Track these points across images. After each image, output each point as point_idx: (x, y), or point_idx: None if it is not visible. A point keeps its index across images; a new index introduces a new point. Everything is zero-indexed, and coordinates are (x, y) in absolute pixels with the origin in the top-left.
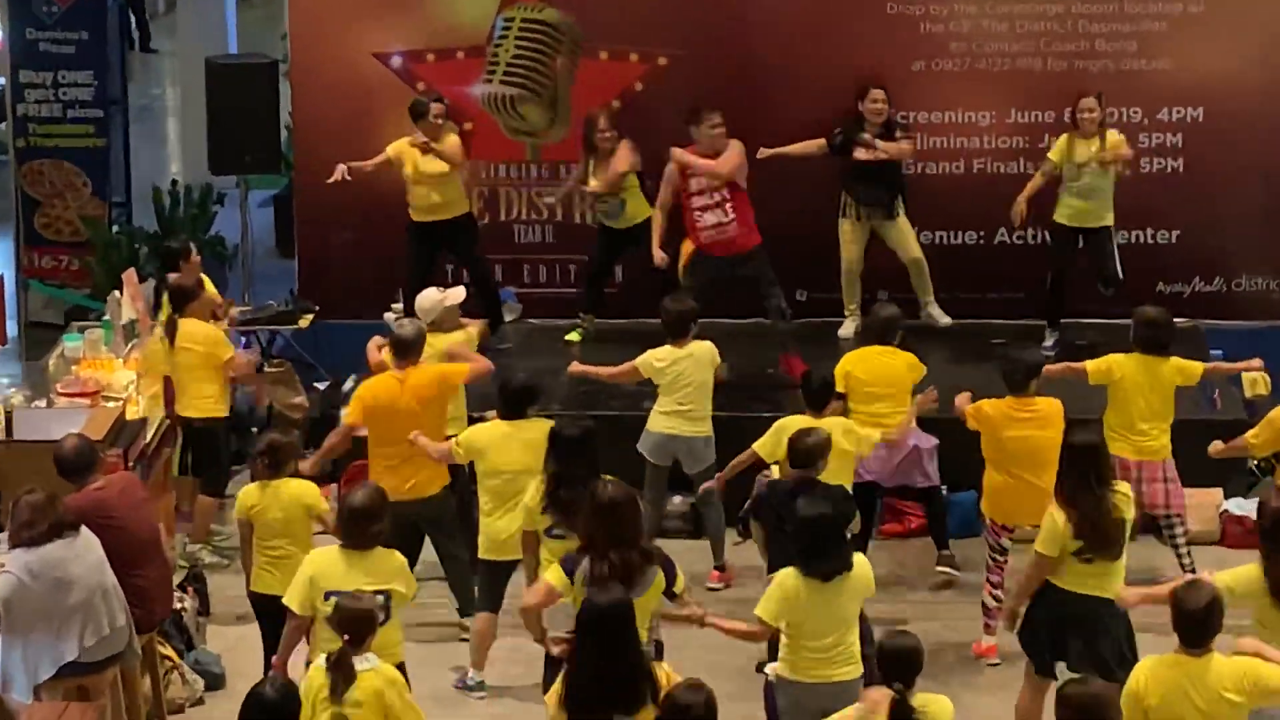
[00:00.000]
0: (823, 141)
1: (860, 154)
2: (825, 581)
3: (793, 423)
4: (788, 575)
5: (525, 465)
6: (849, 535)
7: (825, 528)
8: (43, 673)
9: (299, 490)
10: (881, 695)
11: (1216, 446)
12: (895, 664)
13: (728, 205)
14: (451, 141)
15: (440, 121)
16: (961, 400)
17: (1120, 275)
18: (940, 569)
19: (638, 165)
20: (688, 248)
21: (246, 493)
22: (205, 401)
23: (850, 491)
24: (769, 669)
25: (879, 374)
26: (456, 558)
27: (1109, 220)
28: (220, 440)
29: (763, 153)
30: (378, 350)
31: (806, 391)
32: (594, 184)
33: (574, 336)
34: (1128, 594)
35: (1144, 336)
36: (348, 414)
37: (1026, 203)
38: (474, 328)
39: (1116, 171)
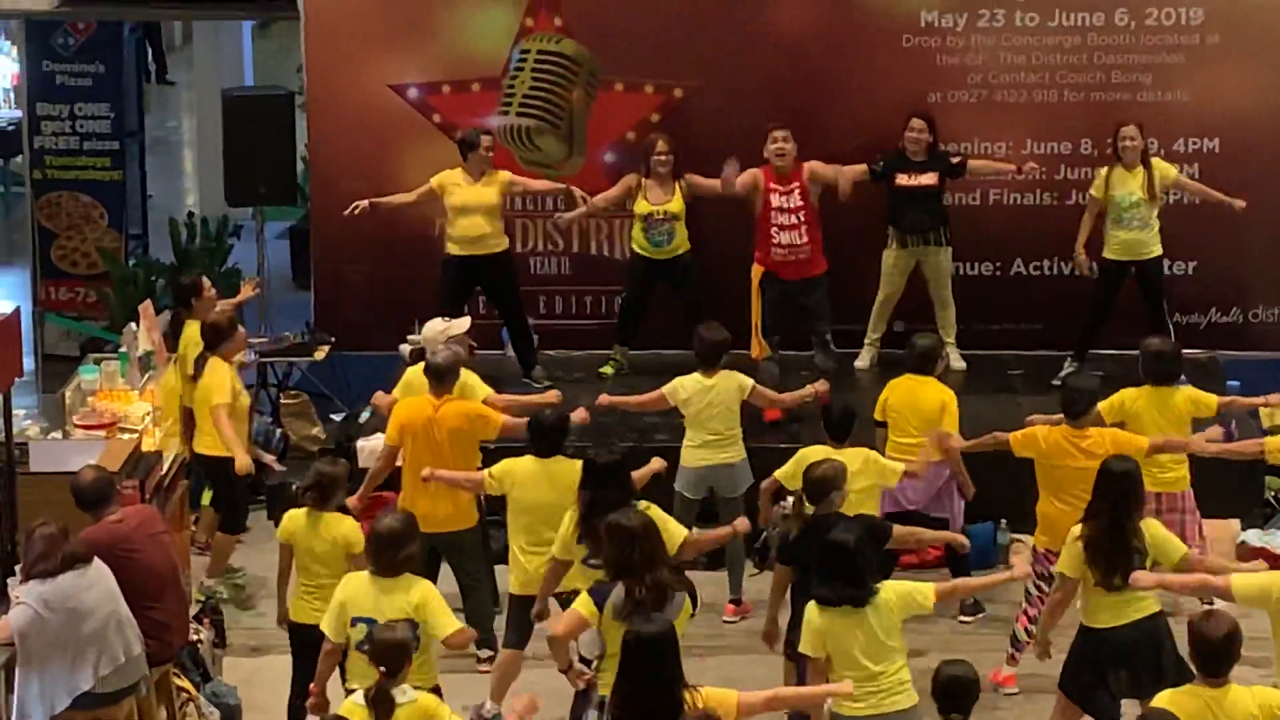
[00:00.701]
0: (864, 167)
1: (902, 180)
2: (834, 609)
3: (813, 453)
4: (810, 608)
5: (558, 503)
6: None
7: (836, 555)
8: (59, 704)
9: (344, 530)
10: None
11: (1214, 432)
12: (951, 693)
13: (803, 228)
14: (503, 175)
15: (489, 154)
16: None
17: (1163, 310)
18: (963, 618)
19: (689, 197)
20: (757, 272)
21: (292, 517)
22: (211, 439)
23: (877, 521)
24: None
25: (910, 403)
26: (477, 589)
27: (1158, 250)
28: (235, 478)
29: (811, 169)
30: (387, 403)
31: (827, 422)
32: (643, 205)
33: (607, 370)
34: (1143, 578)
35: (1152, 369)
36: (387, 435)
37: (1084, 248)
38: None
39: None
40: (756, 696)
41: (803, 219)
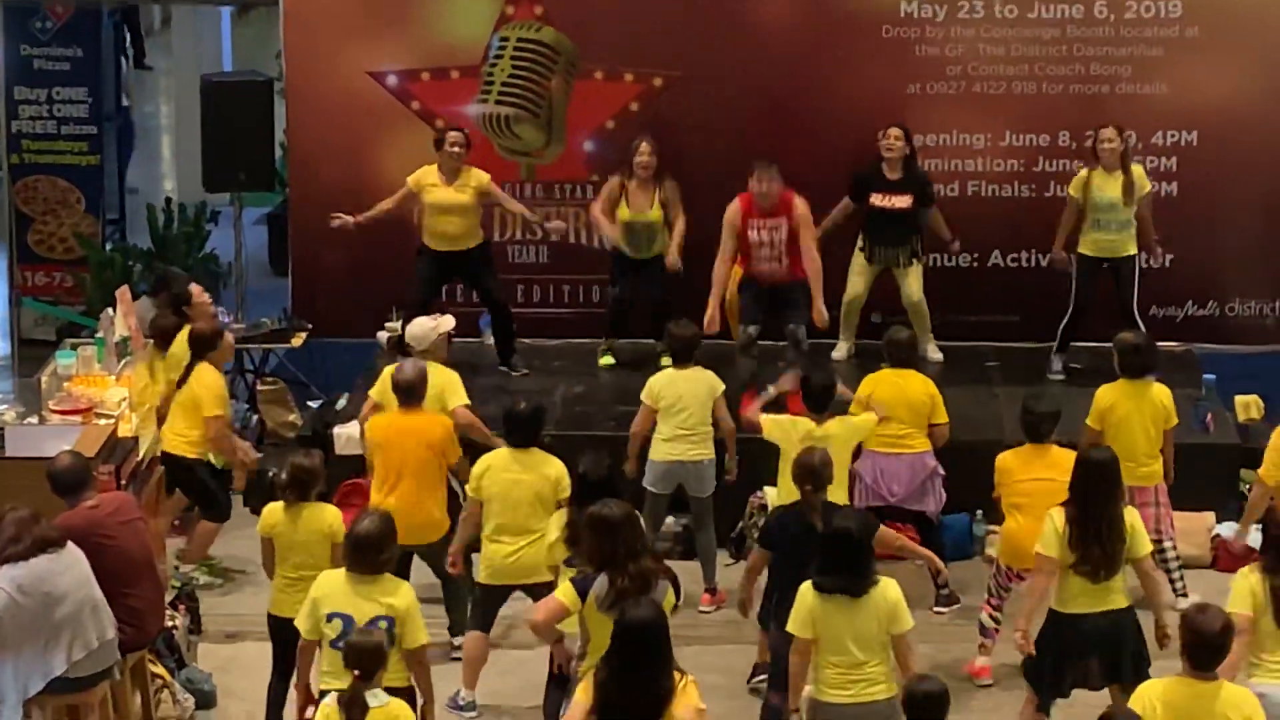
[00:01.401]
0: (848, 202)
1: (876, 200)
2: (830, 597)
3: (794, 422)
4: (805, 590)
5: (531, 494)
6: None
7: (840, 544)
8: (32, 687)
9: (327, 519)
10: None
11: (1250, 518)
12: (922, 709)
13: (784, 259)
14: (479, 174)
15: (457, 150)
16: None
17: (1132, 307)
18: (937, 609)
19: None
20: (737, 272)
21: (271, 511)
22: (180, 440)
23: (868, 515)
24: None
25: (894, 396)
26: (455, 580)
27: (1134, 249)
28: (202, 474)
29: (803, 222)
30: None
31: (807, 393)
32: (671, 258)
33: (607, 360)
34: None
35: (1127, 363)
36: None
37: (1064, 246)
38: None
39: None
40: None
41: (784, 251)
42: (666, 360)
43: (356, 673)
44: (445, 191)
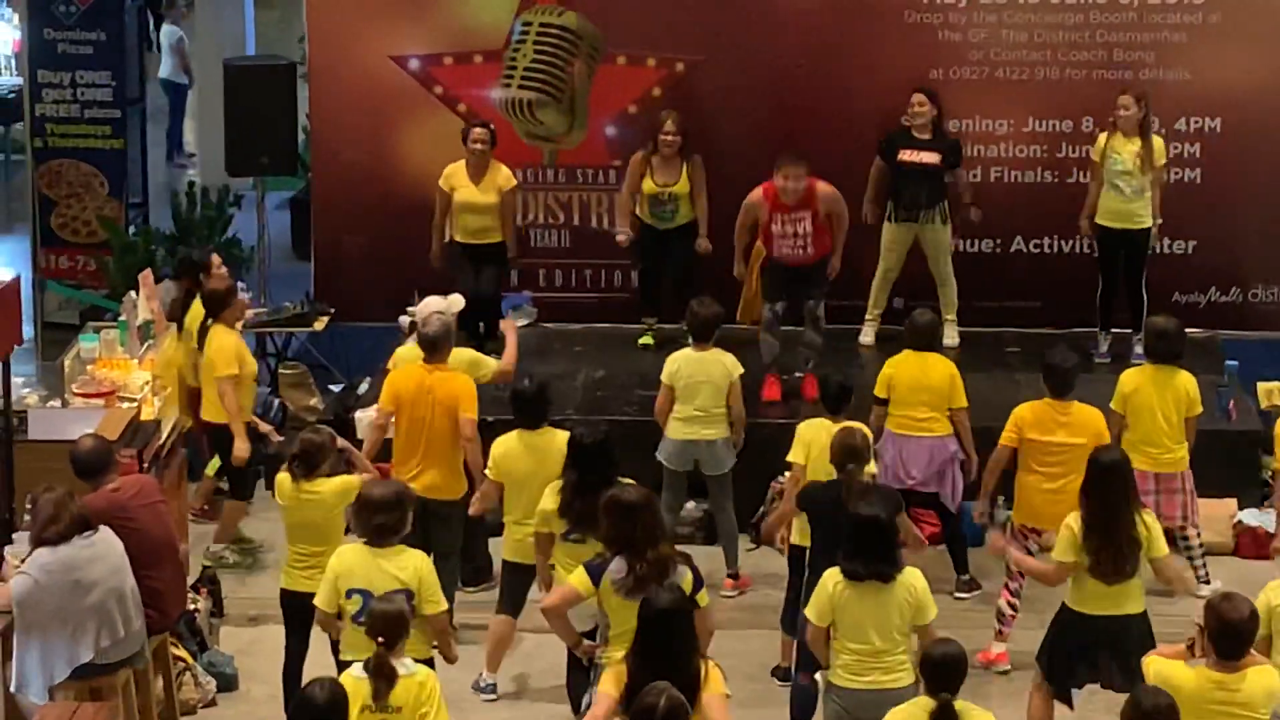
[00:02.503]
0: (879, 162)
1: (905, 155)
2: (857, 584)
3: (811, 426)
4: (830, 575)
5: (547, 473)
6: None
7: (869, 531)
8: (58, 674)
9: (332, 487)
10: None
11: None
12: (940, 672)
13: (809, 248)
14: (505, 176)
15: (480, 148)
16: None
17: (1141, 285)
18: (959, 595)
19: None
20: (760, 251)
21: (281, 483)
22: (213, 407)
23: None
24: (817, 675)
25: (915, 379)
26: (448, 557)
27: (1148, 223)
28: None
29: (829, 203)
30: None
31: (824, 395)
32: (702, 242)
33: (647, 340)
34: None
35: (1155, 348)
36: (380, 400)
37: (1089, 218)
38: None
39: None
40: None
41: (810, 241)
42: (647, 340)
43: (381, 640)
44: (472, 191)
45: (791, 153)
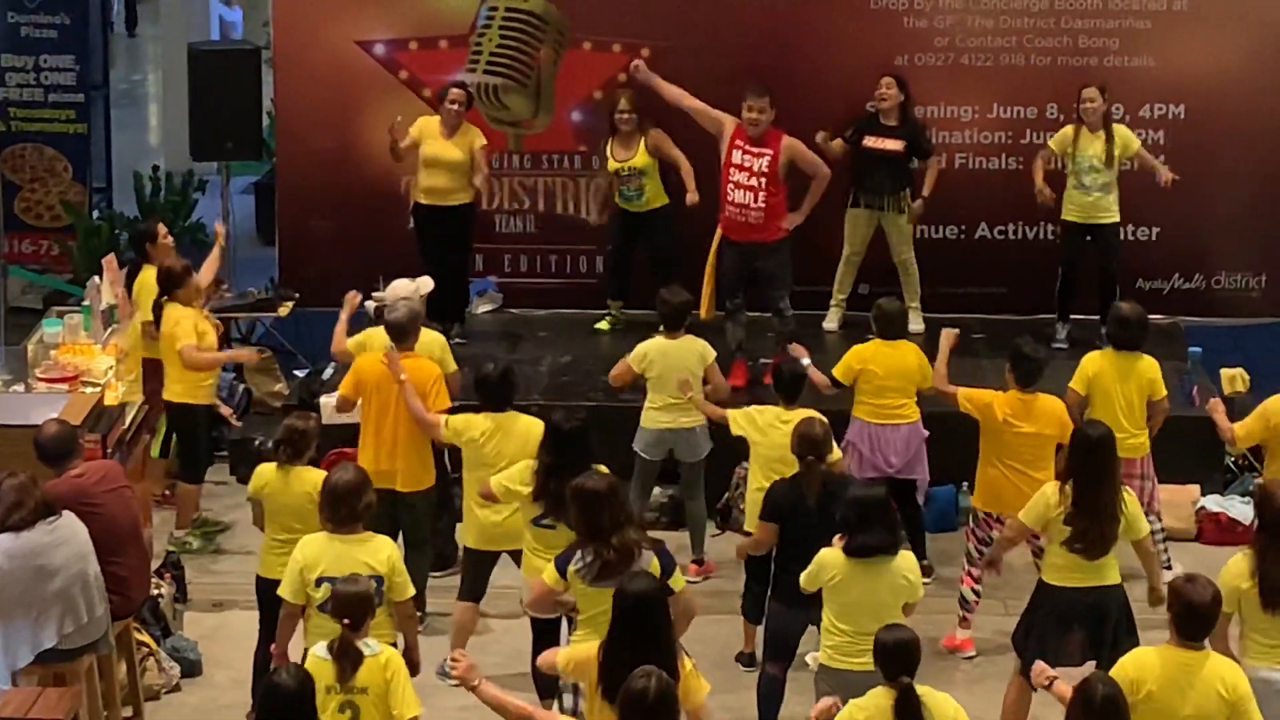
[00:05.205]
0: (840, 141)
1: (869, 141)
2: (862, 560)
3: (764, 412)
4: (830, 552)
5: (514, 460)
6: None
7: (872, 507)
8: (21, 659)
9: (316, 481)
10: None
11: (1217, 410)
12: (896, 657)
13: (760, 193)
14: (478, 135)
15: (455, 107)
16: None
17: (1116, 277)
18: None
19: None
20: (717, 235)
21: (261, 473)
22: (177, 386)
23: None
24: (809, 658)
25: (889, 367)
26: (419, 547)
27: (1116, 216)
28: (197, 425)
29: (794, 151)
30: (343, 340)
31: (778, 383)
32: (691, 195)
33: (603, 325)
34: None
35: (1116, 335)
36: (342, 386)
37: (1046, 186)
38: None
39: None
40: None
41: (762, 185)
42: (603, 325)
43: (346, 621)
44: (440, 144)
45: (756, 84)
